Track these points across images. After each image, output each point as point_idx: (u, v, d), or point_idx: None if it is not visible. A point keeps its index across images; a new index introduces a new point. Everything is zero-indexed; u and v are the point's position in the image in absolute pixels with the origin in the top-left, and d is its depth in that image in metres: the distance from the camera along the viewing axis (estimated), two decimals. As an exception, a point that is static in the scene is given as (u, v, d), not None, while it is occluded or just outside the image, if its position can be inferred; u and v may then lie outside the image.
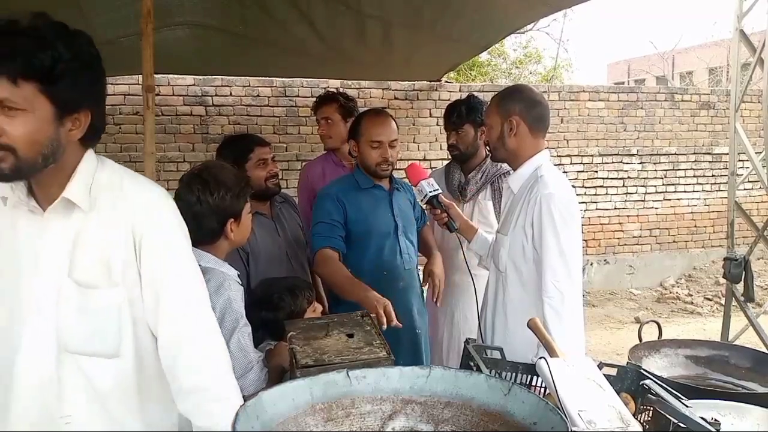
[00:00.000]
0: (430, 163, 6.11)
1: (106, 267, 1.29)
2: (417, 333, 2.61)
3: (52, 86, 1.19)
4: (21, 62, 1.16)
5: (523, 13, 3.87)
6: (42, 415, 1.31)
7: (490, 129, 2.18)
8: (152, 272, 1.31)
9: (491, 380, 1.06)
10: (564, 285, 1.94)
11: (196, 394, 1.33)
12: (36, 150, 1.21)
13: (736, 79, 4.59)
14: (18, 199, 1.30)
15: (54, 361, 1.30)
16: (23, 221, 1.31)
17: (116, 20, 3.33)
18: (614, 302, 6.87)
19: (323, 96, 3.35)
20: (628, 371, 1.48)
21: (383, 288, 2.47)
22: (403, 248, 2.58)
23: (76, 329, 1.29)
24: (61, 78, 1.19)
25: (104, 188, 1.32)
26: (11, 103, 1.17)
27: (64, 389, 1.31)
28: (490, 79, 12.86)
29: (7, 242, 1.32)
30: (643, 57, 22.80)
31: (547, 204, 1.98)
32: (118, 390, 1.33)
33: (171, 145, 5.58)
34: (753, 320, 4.43)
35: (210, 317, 1.40)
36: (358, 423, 1.03)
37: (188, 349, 1.33)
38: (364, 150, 2.52)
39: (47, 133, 1.22)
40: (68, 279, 1.29)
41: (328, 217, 2.46)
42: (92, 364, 1.31)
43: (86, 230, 1.30)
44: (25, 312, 1.30)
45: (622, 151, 7.10)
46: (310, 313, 2.17)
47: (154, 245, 1.31)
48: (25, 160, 1.20)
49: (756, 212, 7.15)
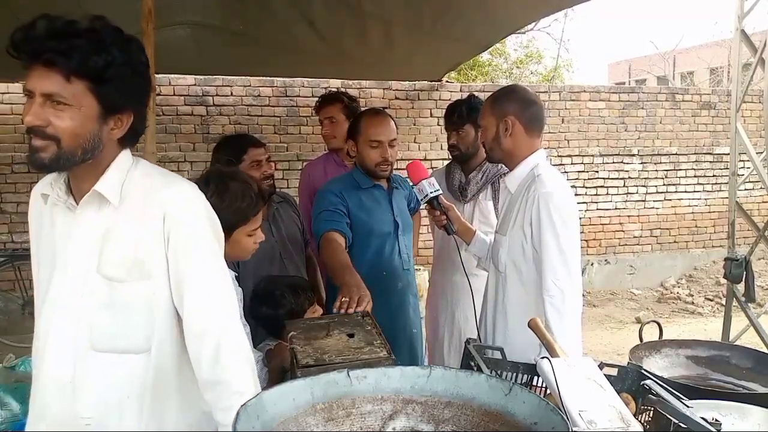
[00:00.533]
0: (430, 163, 6.11)
1: (136, 261, 1.32)
2: (414, 332, 2.63)
3: (102, 86, 1.25)
4: (76, 61, 1.21)
5: (524, 12, 3.87)
6: (62, 416, 1.33)
7: (485, 130, 2.18)
8: (177, 264, 1.34)
9: (492, 380, 1.06)
10: (564, 283, 1.95)
11: (217, 386, 1.36)
12: (78, 143, 1.26)
13: (737, 79, 4.59)
14: (57, 197, 1.34)
15: (77, 360, 1.31)
16: (61, 218, 1.36)
17: (117, 19, 3.31)
18: (615, 302, 6.87)
19: (327, 96, 3.33)
20: (629, 371, 1.48)
21: (383, 288, 2.47)
22: (402, 248, 2.58)
23: (104, 326, 1.32)
24: (111, 80, 1.25)
25: (137, 186, 1.36)
26: (61, 98, 1.22)
27: (85, 390, 1.32)
28: (491, 79, 12.86)
29: (47, 239, 1.37)
30: (644, 57, 22.78)
31: (545, 203, 1.98)
32: (144, 385, 1.34)
33: (172, 145, 5.59)
34: (754, 320, 4.42)
35: (233, 310, 1.42)
36: (358, 423, 1.03)
37: (210, 343, 1.35)
38: (363, 150, 2.51)
39: (90, 129, 1.27)
40: (96, 275, 1.31)
41: (333, 207, 2.44)
42: (121, 362, 1.33)
43: (116, 225, 1.33)
44: (50, 311, 1.33)
45: (623, 151, 7.10)
46: (310, 314, 2.17)
47: (182, 238, 1.34)
48: (66, 152, 1.25)
49: (757, 212, 7.14)
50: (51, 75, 1.21)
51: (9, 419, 2.38)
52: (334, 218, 2.40)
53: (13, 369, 2.60)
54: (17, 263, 4.99)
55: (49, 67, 1.21)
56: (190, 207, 1.38)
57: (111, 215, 1.33)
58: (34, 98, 1.23)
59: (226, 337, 1.37)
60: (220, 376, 1.35)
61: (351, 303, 1.79)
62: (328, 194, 2.49)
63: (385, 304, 2.50)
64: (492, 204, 2.99)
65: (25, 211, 1.48)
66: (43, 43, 1.20)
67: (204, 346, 1.35)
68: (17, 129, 5.30)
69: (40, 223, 1.39)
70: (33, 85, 1.23)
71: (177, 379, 1.39)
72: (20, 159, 5.29)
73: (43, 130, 1.23)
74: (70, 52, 1.20)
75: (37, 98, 1.23)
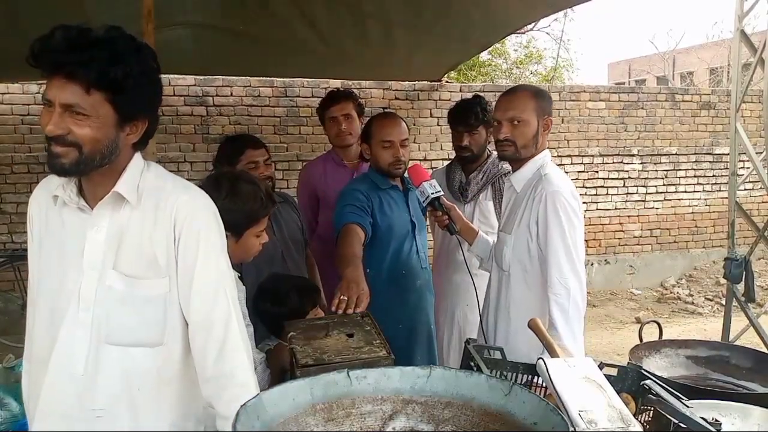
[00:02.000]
0: (430, 163, 6.10)
1: (152, 259, 1.38)
2: (431, 329, 2.70)
3: (119, 96, 1.29)
4: (95, 73, 1.25)
5: (524, 12, 3.87)
6: (72, 407, 1.37)
7: (525, 125, 2.11)
8: (185, 261, 1.40)
9: (492, 380, 1.06)
10: (570, 282, 1.96)
11: (221, 378, 1.41)
12: (97, 149, 1.30)
13: (737, 80, 4.59)
14: (68, 198, 1.38)
15: (91, 353, 1.35)
16: (71, 218, 1.39)
17: (117, 20, 3.30)
18: (615, 302, 6.87)
19: (338, 93, 3.22)
20: (629, 371, 1.48)
21: (402, 287, 2.57)
22: (420, 247, 2.65)
23: (121, 320, 1.36)
24: (128, 90, 1.29)
25: (150, 188, 1.41)
26: (80, 108, 1.27)
27: (98, 382, 1.36)
28: (491, 79, 12.86)
29: (56, 239, 1.41)
30: (643, 57, 22.81)
31: (552, 201, 1.98)
32: (157, 378, 1.40)
33: (172, 145, 5.59)
34: (754, 320, 4.42)
35: (235, 308, 1.46)
36: (358, 423, 1.03)
37: (214, 336, 1.41)
38: (376, 151, 2.57)
39: (108, 136, 1.32)
40: (113, 271, 1.36)
41: (359, 203, 2.48)
42: (135, 354, 1.37)
43: (132, 225, 1.38)
44: (64, 305, 1.37)
45: (623, 151, 7.10)
46: (312, 316, 2.18)
47: (190, 238, 1.40)
48: (86, 157, 1.30)
49: (756, 212, 7.14)
50: (71, 86, 1.25)
51: (9, 419, 2.38)
52: (359, 213, 2.45)
53: (13, 369, 2.60)
54: (17, 263, 4.99)
55: (69, 79, 1.25)
56: (199, 212, 1.43)
57: (127, 215, 1.38)
58: (53, 107, 1.27)
59: (230, 333, 1.42)
60: (223, 370, 1.40)
61: (350, 303, 1.80)
62: (355, 192, 2.54)
63: (405, 302, 2.60)
64: (492, 204, 2.99)
65: (25, 211, 1.50)
66: (63, 56, 1.23)
67: (209, 342, 1.41)
68: (17, 129, 5.29)
69: (46, 223, 1.43)
70: (53, 96, 1.26)
71: (185, 373, 1.44)
72: (20, 159, 5.29)
73: (64, 137, 1.27)
74: (90, 64, 1.24)
75: (57, 108, 1.26)
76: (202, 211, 1.44)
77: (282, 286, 2.18)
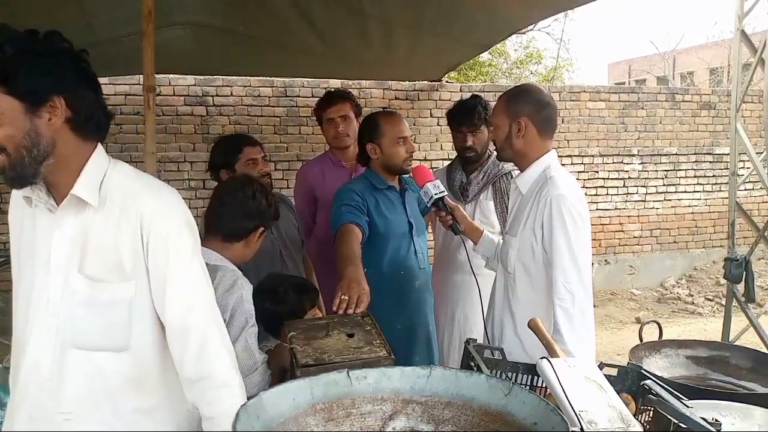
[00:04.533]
0: (430, 163, 6.10)
1: (117, 263, 1.33)
2: (430, 329, 2.68)
3: (12, 83, 1.22)
4: None
5: (524, 13, 3.87)
6: (40, 410, 1.35)
7: (497, 129, 2.14)
8: (157, 267, 1.35)
9: (492, 380, 1.06)
10: (575, 286, 1.92)
11: (202, 381, 1.38)
12: (18, 144, 1.25)
13: (737, 80, 4.59)
14: (38, 198, 1.34)
15: (56, 357, 1.33)
16: (41, 219, 1.36)
17: (117, 20, 3.33)
18: (615, 302, 6.87)
19: (335, 93, 3.21)
20: (629, 371, 1.48)
21: (402, 287, 2.56)
22: (418, 248, 2.62)
23: (84, 324, 1.33)
24: (14, 74, 1.22)
25: (116, 187, 1.35)
26: None
27: (65, 386, 1.33)
28: (491, 79, 12.86)
29: (28, 241, 1.38)
30: (643, 57, 22.81)
31: (557, 205, 1.95)
32: (125, 384, 1.36)
33: (172, 145, 5.58)
34: (754, 321, 4.43)
35: (213, 308, 1.43)
36: (358, 423, 1.03)
37: (192, 340, 1.37)
38: (389, 149, 2.54)
39: (22, 128, 1.25)
40: (78, 274, 1.32)
41: (355, 203, 2.47)
42: (100, 359, 1.34)
43: (97, 227, 1.33)
44: (35, 307, 1.34)
45: (623, 151, 7.10)
46: (310, 316, 2.17)
47: (158, 241, 1.35)
48: (15, 158, 1.25)
49: (757, 212, 7.14)
50: None
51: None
52: (355, 213, 2.45)
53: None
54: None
55: None
56: (168, 212, 1.38)
57: (91, 216, 1.33)
58: None
59: (208, 335, 1.39)
60: (203, 372, 1.38)
61: (350, 303, 1.80)
62: (350, 192, 2.53)
63: (404, 302, 2.59)
64: (493, 204, 2.98)
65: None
66: None
67: (188, 345, 1.37)
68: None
69: (22, 225, 1.40)
70: None
71: (161, 377, 1.40)
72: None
73: None
74: None
75: None
76: (170, 212, 1.38)
77: (280, 285, 2.18)
